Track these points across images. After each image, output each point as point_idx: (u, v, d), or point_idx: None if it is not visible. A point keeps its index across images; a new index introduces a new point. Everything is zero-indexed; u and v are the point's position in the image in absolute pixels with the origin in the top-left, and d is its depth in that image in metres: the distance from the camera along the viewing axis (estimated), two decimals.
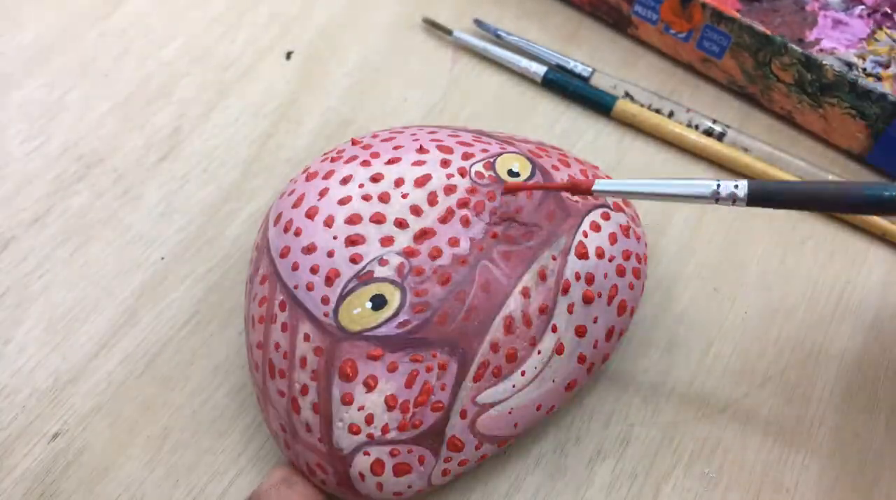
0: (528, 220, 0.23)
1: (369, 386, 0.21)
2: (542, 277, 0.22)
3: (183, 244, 0.29)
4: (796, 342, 0.28)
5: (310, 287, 0.22)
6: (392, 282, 0.22)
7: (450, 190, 0.23)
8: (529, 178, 0.24)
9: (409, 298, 0.22)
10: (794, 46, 0.30)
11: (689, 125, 0.32)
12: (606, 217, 0.24)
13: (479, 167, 0.24)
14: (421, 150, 0.24)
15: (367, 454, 0.21)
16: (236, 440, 0.25)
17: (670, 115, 0.32)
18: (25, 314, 0.27)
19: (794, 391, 0.27)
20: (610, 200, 0.25)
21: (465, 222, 0.23)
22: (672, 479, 0.25)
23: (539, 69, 0.33)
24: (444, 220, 0.23)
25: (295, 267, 0.22)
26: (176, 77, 0.33)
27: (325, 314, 0.22)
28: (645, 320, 0.28)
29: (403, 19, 0.36)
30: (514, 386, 0.22)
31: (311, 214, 0.23)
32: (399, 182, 0.23)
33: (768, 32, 0.30)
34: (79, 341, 0.27)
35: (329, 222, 0.23)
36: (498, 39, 0.35)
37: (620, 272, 0.24)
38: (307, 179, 0.24)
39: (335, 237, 0.22)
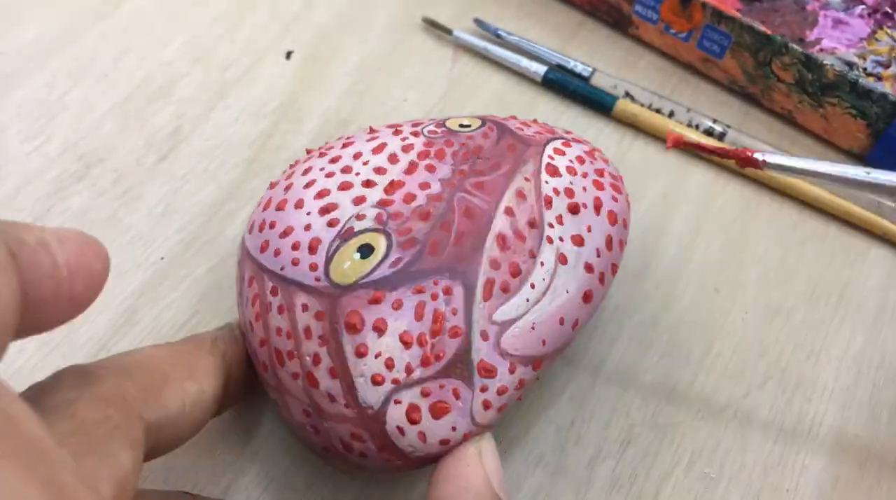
0: (491, 155, 0.23)
1: (380, 330, 0.20)
2: (522, 196, 0.22)
3: (183, 244, 0.29)
4: (797, 343, 0.28)
5: (295, 262, 0.22)
6: (374, 230, 0.21)
7: (407, 149, 0.24)
8: (481, 127, 0.24)
9: (395, 239, 0.21)
10: (795, 46, 0.30)
11: (689, 125, 0.32)
12: (567, 145, 0.25)
13: (430, 127, 0.25)
14: (371, 131, 0.25)
15: (398, 402, 0.20)
16: (236, 441, 0.25)
17: (671, 115, 0.32)
18: None
19: (794, 392, 0.27)
20: (566, 137, 0.25)
21: (431, 169, 0.23)
22: (672, 479, 0.25)
23: (539, 69, 0.33)
24: (409, 171, 0.23)
25: (277, 253, 0.22)
26: (176, 77, 0.33)
27: (317, 279, 0.21)
28: (645, 320, 0.28)
29: (403, 19, 0.36)
30: (528, 300, 0.21)
31: (280, 207, 0.23)
32: (357, 155, 0.24)
33: (769, 32, 0.30)
34: (79, 341, 0.27)
35: (300, 205, 0.23)
36: (498, 39, 0.35)
37: (598, 186, 0.24)
38: (270, 187, 0.25)
39: (308, 213, 0.22)
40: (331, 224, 0.22)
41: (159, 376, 0.20)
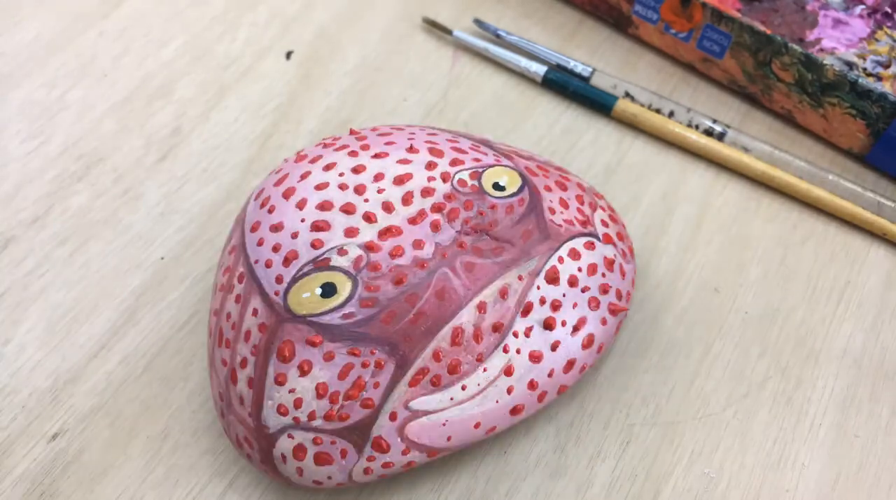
0: (501, 235, 0.23)
1: (303, 371, 0.21)
2: (503, 294, 0.22)
3: (183, 244, 0.29)
4: (797, 342, 0.28)
5: (268, 264, 0.22)
6: (346, 272, 0.22)
7: (427, 193, 0.23)
8: (515, 194, 0.23)
9: (360, 291, 0.21)
10: (795, 46, 0.30)
11: (689, 125, 0.32)
12: (590, 246, 0.24)
13: (463, 175, 0.24)
14: (411, 149, 0.24)
15: (290, 437, 0.21)
16: None
17: (671, 115, 0.32)
18: (25, 314, 0.27)
19: (794, 392, 0.27)
20: (600, 231, 0.24)
21: (435, 227, 0.22)
22: (672, 479, 0.25)
23: (539, 69, 0.33)
24: (413, 221, 0.22)
25: (260, 242, 0.23)
26: (176, 77, 0.33)
27: (276, 293, 0.22)
28: (645, 320, 0.28)
29: (403, 19, 0.36)
30: (451, 399, 0.21)
31: (287, 194, 0.23)
32: (378, 177, 0.23)
33: (769, 32, 0.30)
34: (78, 341, 0.27)
35: (301, 205, 0.23)
36: (498, 39, 0.34)
37: (593, 305, 0.23)
38: (296, 160, 0.25)
39: (303, 220, 0.22)
40: (314, 245, 0.22)
41: None
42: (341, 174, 0.23)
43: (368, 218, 0.22)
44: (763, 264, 0.29)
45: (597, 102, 0.33)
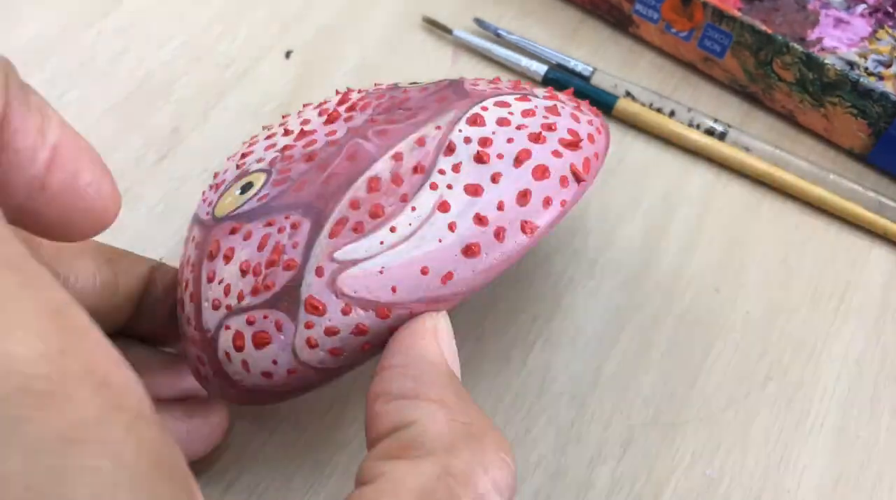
0: (413, 106, 0.22)
1: (227, 258, 0.21)
2: (421, 142, 0.21)
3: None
4: (798, 343, 0.28)
5: (204, 200, 0.23)
6: (261, 170, 0.22)
7: (342, 101, 0.24)
8: (432, 83, 0.24)
9: (273, 177, 0.22)
10: (796, 45, 0.30)
11: (690, 125, 0.32)
12: (525, 99, 0.22)
13: (380, 86, 0.25)
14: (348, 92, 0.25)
15: (227, 327, 0.20)
16: (237, 440, 0.25)
17: (671, 114, 0.32)
18: None
19: (795, 392, 0.27)
20: (541, 94, 0.23)
21: (348, 119, 0.23)
22: (673, 480, 0.25)
23: (540, 68, 0.33)
24: (328, 121, 0.23)
25: (203, 194, 0.24)
26: (175, 76, 0.33)
27: (207, 214, 0.22)
28: (646, 321, 0.28)
29: (403, 18, 0.35)
30: (381, 243, 0.19)
31: (231, 158, 0.25)
32: (306, 121, 0.24)
33: (770, 31, 0.30)
34: None
35: (234, 156, 0.24)
36: (498, 38, 0.34)
37: (536, 139, 0.21)
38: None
39: (230, 158, 0.24)
40: (238, 166, 0.23)
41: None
42: (270, 129, 0.25)
43: (287, 133, 0.23)
44: (764, 264, 0.29)
45: (598, 101, 0.32)
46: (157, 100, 0.33)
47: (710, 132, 0.32)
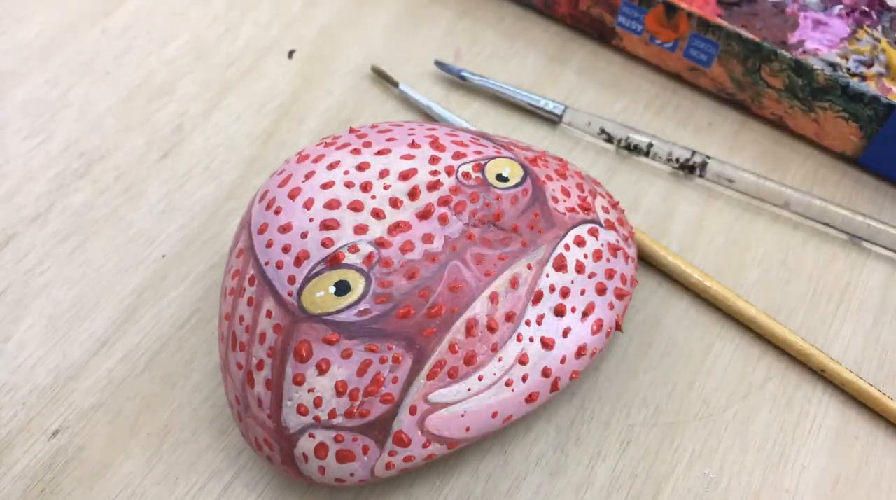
0: (507, 226, 0.23)
1: (321, 369, 0.21)
2: (514, 284, 0.22)
3: (184, 242, 0.29)
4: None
5: (279, 265, 0.22)
6: (358, 270, 0.22)
7: (433, 187, 0.23)
8: (519, 185, 0.24)
9: (374, 287, 0.21)
10: (784, 52, 0.30)
11: (669, 160, 0.31)
12: (594, 233, 0.24)
13: (467, 168, 0.24)
14: (413, 145, 0.24)
15: (312, 436, 0.21)
16: (236, 439, 0.25)
17: (650, 147, 0.31)
18: (26, 311, 0.27)
19: (794, 392, 0.27)
20: (602, 218, 0.25)
21: (443, 220, 0.23)
22: (672, 479, 0.25)
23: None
24: (421, 216, 0.22)
25: (269, 244, 0.23)
26: (178, 75, 0.33)
27: (290, 294, 0.22)
28: (646, 320, 0.28)
29: (404, 18, 0.36)
30: (469, 390, 0.22)
31: (293, 195, 0.23)
32: (384, 173, 0.23)
33: (757, 39, 0.30)
34: (79, 338, 0.27)
35: (308, 205, 0.23)
36: (462, 80, 0.33)
37: (600, 291, 0.24)
38: (298, 161, 0.25)
39: (311, 220, 0.22)
40: (325, 243, 0.22)
41: None
42: (346, 172, 0.23)
43: (377, 214, 0.22)
44: (764, 264, 0.29)
45: None
46: (160, 98, 0.33)
47: (688, 166, 0.31)
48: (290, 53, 0.34)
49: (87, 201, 0.30)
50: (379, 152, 0.24)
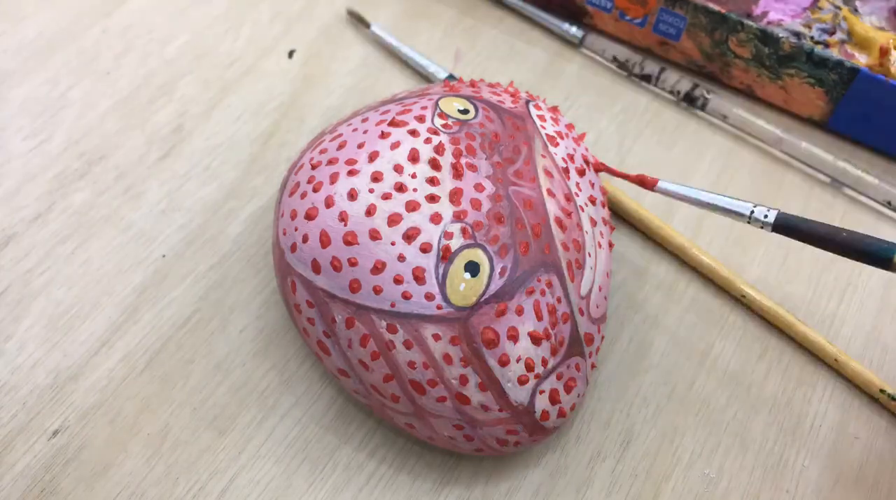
0: (506, 141, 0.25)
1: (514, 338, 0.22)
2: (549, 174, 0.25)
3: (184, 242, 0.29)
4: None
5: (406, 296, 0.22)
6: (469, 246, 0.22)
7: (439, 149, 0.24)
8: (477, 113, 0.25)
9: (490, 249, 0.23)
10: (750, 23, 0.31)
11: (671, 91, 0.33)
12: (537, 107, 0.27)
13: (435, 119, 0.25)
14: (383, 135, 0.24)
15: (542, 392, 0.23)
16: (237, 438, 0.25)
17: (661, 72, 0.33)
18: (26, 311, 0.27)
19: (795, 392, 0.27)
20: (535, 111, 0.27)
21: (472, 168, 0.24)
22: (672, 479, 0.25)
23: (438, 70, 0.34)
24: (456, 176, 0.23)
25: (377, 291, 0.22)
26: (178, 75, 0.33)
27: (439, 307, 0.22)
28: (646, 320, 0.28)
29: (405, 18, 0.36)
30: (592, 268, 0.24)
31: (350, 241, 0.22)
32: (398, 168, 0.23)
33: (723, 11, 0.31)
34: (79, 338, 0.27)
35: (375, 236, 0.22)
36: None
37: (576, 142, 0.27)
38: (307, 217, 0.23)
39: (393, 243, 0.22)
40: (423, 249, 0.22)
41: None
42: (371, 191, 0.23)
43: (433, 199, 0.23)
44: (764, 265, 0.29)
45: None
46: (160, 98, 0.33)
47: (690, 98, 0.33)
48: (291, 53, 0.34)
49: (87, 201, 0.30)
50: (370, 158, 0.23)
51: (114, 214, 0.30)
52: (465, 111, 0.25)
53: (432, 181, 0.23)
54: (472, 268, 0.22)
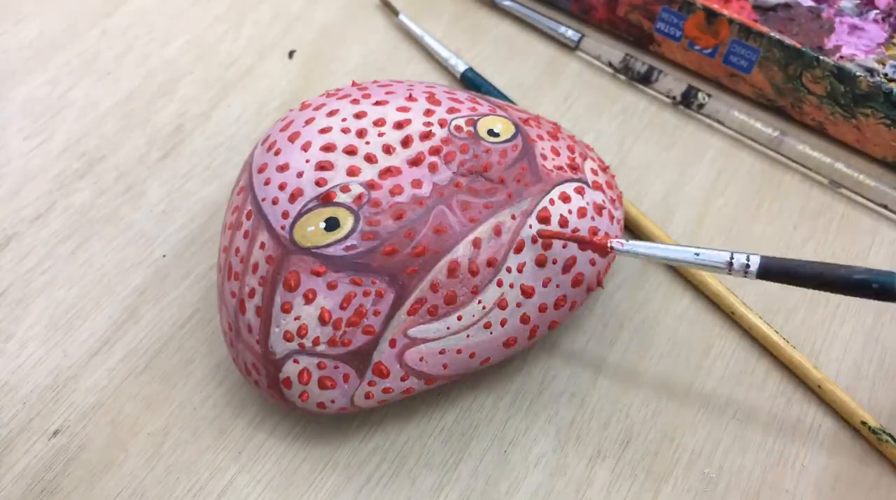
0: (495, 177, 0.24)
1: (308, 299, 0.22)
2: (497, 232, 0.23)
3: (185, 242, 0.29)
4: (797, 343, 0.28)
5: (275, 201, 0.23)
6: (348, 208, 0.23)
7: (426, 136, 0.24)
8: (509, 140, 0.24)
9: (361, 225, 0.23)
10: (827, 59, 0.30)
11: (667, 95, 0.33)
12: (580, 191, 0.24)
13: (459, 121, 0.25)
14: (410, 98, 0.25)
15: (296, 361, 0.22)
16: (237, 438, 0.25)
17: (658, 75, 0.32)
18: (27, 311, 0.27)
19: (794, 392, 0.27)
20: (590, 179, 0.25)
21: (433, 168, 0.24)
22: (672, 479, 0.25)
23: (458, 64, 0.34)
24: (413, 162, 0.24)
25: (267, 182, 0.24)
26: (178, 75, 0.33)
27: (283, 227, 0.23)
28: (646, 320, 0.28)
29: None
30: (448, 328, 0.23)
31: (292, 138, 0.24)
32: (379, 122, 0.24)
33: (799, 46, 0.30)
34: (80, 337, 0.27)
35: (306, 147, 0.24)
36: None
37: (583, 246, 0.24)
38: (300, 109, 0.26)
39: (307, 161, 0.24)
40: (318, 183, 0.23)
41: None
42: (343, 120, 0.24)
43: (370, 159, 0.23)
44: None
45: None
46: (160, 98, 0.33)
47: (686, 100, 0.32)
48: (291, 53, 0.34)
49: (87, 201, 0.30)
50: (377, 103, 0.25)
51: (114, 214, 0.30)
52: (496, 135, 0.24)
53: (387, 149, 0.24)
54: (332, 224, 0.23)
